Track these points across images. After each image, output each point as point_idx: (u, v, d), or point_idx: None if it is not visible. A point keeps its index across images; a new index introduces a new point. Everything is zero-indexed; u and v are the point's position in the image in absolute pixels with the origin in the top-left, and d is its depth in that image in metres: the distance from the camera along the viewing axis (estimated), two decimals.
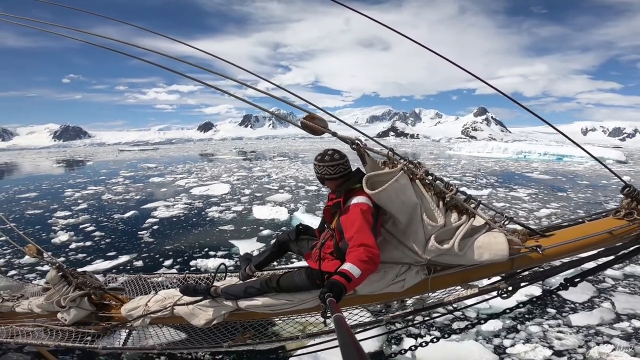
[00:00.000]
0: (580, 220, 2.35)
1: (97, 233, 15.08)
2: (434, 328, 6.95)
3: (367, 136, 2.49)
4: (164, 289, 3.55)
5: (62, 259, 11.89)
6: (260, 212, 17.71)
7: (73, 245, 13.35)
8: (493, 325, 6.81)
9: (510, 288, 2.30)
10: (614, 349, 6.14)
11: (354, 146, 2.25)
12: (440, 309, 2.57)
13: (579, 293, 8.27)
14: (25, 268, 10.83)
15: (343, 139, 2.27)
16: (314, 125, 2.27)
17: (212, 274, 3.23)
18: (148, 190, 28.29)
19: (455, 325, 6.77)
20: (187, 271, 3.86)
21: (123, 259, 11.70)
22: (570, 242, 2.13)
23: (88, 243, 13.67)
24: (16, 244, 4.19)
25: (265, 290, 2.61)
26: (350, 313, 2.79)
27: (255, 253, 3.50)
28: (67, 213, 19.45)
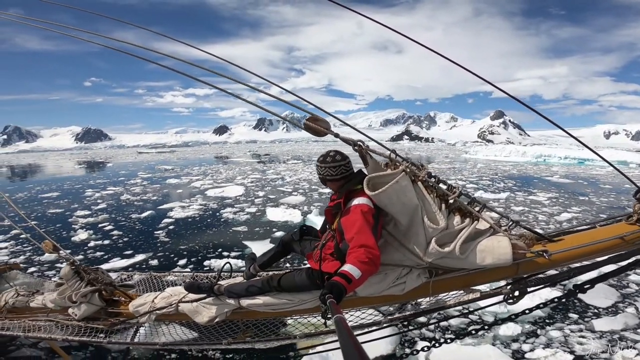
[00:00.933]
0: (591, 225, 2.29)
1: (115, 232, 15.48)
2: (450, 332, 6.83)
3: (370, 138, 2.51)
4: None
5: (80, 256, 12.25)
6: (274, 214, 17.82)
7: (92, 244, 13.74)
8: (512, 329, 6.67)
9: (517, 293, 2.26)
10: (638, 354, 5.95)
11: (356, 148, 2.26)
12: (455, 312, 2.52)
13: (602, 298, 8.03)
14: (45, 265, 11.19)
15: (345, 141, 2.29)
16: (316, 126, 2.30)
17: (218, 273, 3.30)
18: (165, 191, 28.89)
19: (472, 329, 6.65)
20: (196, 270, 3.93)
21: (139, 257, 11.96)
22: (579, 247, 2.07)
23: (106, 242, 14.04)
24: (35, 241, 4.34)
25: (267, 289, 2.64)
26: (363, 313, 2.77)
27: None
28: (87, 212, 20.05)
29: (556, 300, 2.36)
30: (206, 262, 11.19)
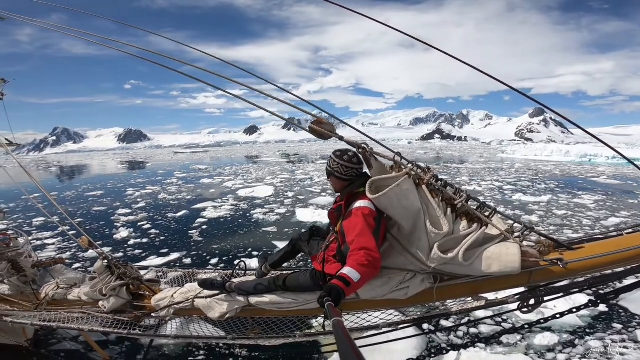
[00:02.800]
0: (618, 232, 2.12)
1: (152, 231, 16.25)
2: (479, 338, 6.59)
3: (374, 140, 2.55)
4: None
5: (120, 254, 12.97)
6: (303, 214, 17.94)
7: (131, 242, 14.50)
8: (548, 339, 6.32)
9: (532, 302, 2.15)
10: None
11: (360, 150, 2.25)
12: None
13: None
14: (88, 261, 11.92)
15: (350, 143, 2.28)
16: (321, 129, 2.32)
17: (232, 271, 3.45)
18: (198, 191, 29.99)
19: (504, 339, 6.39)
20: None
21: (174, 256, 12.47)
22: (598, 256, 1.92)
23: (145, 240, 14.77)
24: (74, 237, 4.62)
25: (273, 288, 2.70)
26: (370, 315, 2.72)
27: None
28: (128, 211, 21.22)
29: (574, 310, 2.22)
30: (237, 262, 11.47)
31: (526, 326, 2.42)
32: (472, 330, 6.77)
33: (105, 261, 3.76)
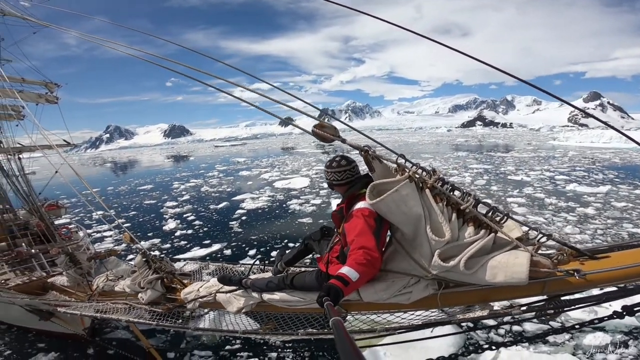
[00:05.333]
0: None
1: (196, 222, 17.21)
2: (523, 337, 6.35)
3: (377, 142, 2.51)
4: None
5: (168, 245, 13.90)
6: None
7: (178, 233, 15.47)
8: (600, 339, 6.01)
9: (551, 311, 1.99)
10: None
11: (362, 153, 2.19)
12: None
13: None
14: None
15: (352, 146, 2.24)
16: (323, 133, 2.31)
17: (249, 268, 3.59)
18: (237, 183, 31.16)
19: (551, 338, 6.16)
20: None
21: (215, 247, 13.14)
22: (622, 268, 1.74)
23: (190, 231, 15.69)
24: (119, 232, 5.01)
25: (282, 286, 2.77)
26: (378, 317, 2.69)
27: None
28: (174, 203, 22.61)
29: (596, 321, 2.07)
30: (273, 253, 11.86)
31: (577, 326, 2.24)
32: (516, 328, 6.52)
33: (144, 256, 4.06)
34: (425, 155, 49.97)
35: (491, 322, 5.53)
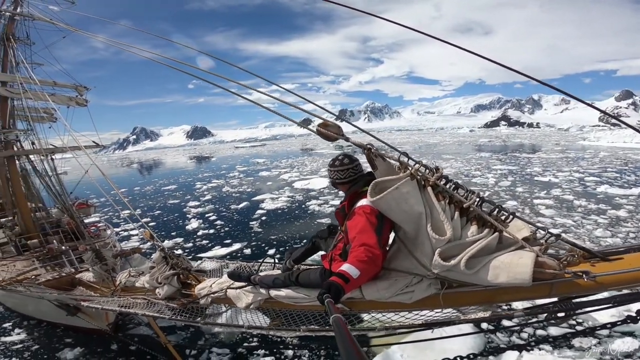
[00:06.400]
0: None
1: (218, 222, 17.56)
2: (547, 340, 6.09)
3: (380, 140, 2.53)
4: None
5: (190, 244, 14.24)
6: None
7: (200, 233, 15.83)
8: (629, 344, 5.71)
9: (561, 314, 1.92)
10: None
11: (365, 151, 2.20)
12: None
13: None
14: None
15: (355, 144, 2.27)
16: (327, 132, 2.33)
17: (260, 264, 3.65)
18: (257, 183, 31.58)
19: (576, 341, 5.92)
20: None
21: (236, 246, 13.36)
22: (636, 270, 1.68)
23: (211, 231, 16.02)
24: (139, 231, 5.19)
25: (288, 283, 2.81)
26: (384, 316, 2.65)
27: None
28: (197, 203, 23.17)
29: (609, 326, 1.99)
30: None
31: (608, 325, 2.12)
32: (539, 331, 6.31)
33: (162, 253, 4.18)
34: (447, 156, 48.86)
35: (514, 324, 5.37)
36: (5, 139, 10.40)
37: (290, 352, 6.67)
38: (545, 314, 2.00)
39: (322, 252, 2.95)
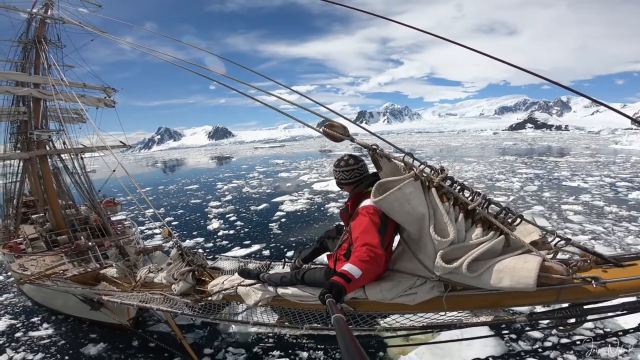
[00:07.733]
0: None
1: (238, 223, 17.76)
2: (570, 348, 5.82)
3: (385, 141, 2.53)
4: None
5: (210, 244, 14.44)
6: None
7: (220, 233, 16.05)
8: None
9: (571, 320, 1.85)
10: None
11: (370, 152, 2.20)
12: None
13: None
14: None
15: (361, 144, 2.29)
16: (333, 132, 2.35)
17: (268, 262, 3.69)
18: (276, 184, 31.80)
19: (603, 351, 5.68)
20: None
21: (255, 247, 13.44)
22: None
23: (231, 231, 16.22)
24: (159, 228, 5.29)
25: (294, 281, 2.84)
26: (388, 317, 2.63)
27: None
28: (218, 203, 23.56)
29: (620, 333, 1.94)
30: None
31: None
32: (564, 339, 6.02)
33: (179, 250, 4.28)
34: (469, 159, 47.59)
35: (538, 334, 5.07)
36: (38, 139, 10.86)
37: (305, 354, 6.63)
38: (555, 320, 1.94)
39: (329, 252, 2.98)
